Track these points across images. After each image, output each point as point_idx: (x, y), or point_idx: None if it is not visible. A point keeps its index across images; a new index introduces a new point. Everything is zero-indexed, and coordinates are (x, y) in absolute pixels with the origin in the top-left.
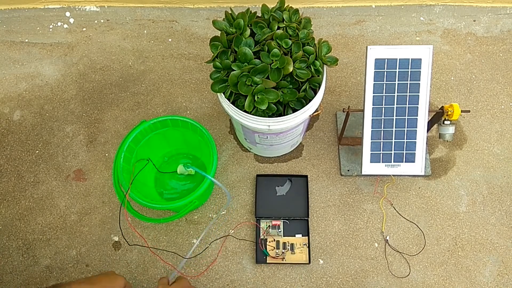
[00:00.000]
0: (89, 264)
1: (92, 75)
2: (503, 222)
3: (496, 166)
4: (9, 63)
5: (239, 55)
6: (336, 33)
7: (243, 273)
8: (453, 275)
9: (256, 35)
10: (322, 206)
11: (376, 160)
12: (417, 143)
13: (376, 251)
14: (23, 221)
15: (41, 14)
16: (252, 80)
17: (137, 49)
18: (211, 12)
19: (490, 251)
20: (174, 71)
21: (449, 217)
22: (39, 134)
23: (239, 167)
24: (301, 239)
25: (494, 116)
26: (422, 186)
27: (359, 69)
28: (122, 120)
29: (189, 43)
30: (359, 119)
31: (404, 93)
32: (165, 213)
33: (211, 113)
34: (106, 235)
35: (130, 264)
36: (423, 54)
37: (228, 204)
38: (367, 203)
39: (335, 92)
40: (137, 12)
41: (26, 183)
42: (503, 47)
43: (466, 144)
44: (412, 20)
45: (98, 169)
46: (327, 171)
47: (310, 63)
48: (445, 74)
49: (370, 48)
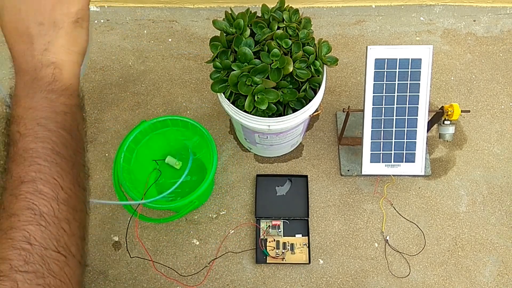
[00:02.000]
0: (89, 264)
1: (92, 75)
2: (503, 222)
3: (496, 166)
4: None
5: (239, 55)
6: (336, 33)
7: (243, 273)
8: (453, 275)
9: (256, 35)
10: (322, 206)
11: (376, 160)
12: (417, 143)
13: (376, 251)
14: None
15: None
16: (252, 80)
17: (137, 49)
18: (211, 12)
19: (490, 251)
20: (174, 71)
21: (449, 217)
22: None
23: (239, 167)
24: (301, 239)
25: (494, 116)
26: (422, 186)
27: (359, 69)
28: (122, 120)
29: (189, 43)
30: (359, 119)
31: (404, 93)
32: (165, 213)
33: (211, 113)
34: (106, 235)
35: (130, 264)
36: (423, 54)
37: None
38: (367, 203)
39: (335, 92)
40: (137, 12)
41: None
42: (503, 47)
43: (466, 144)
44: (412, 20)
45: (98, 169)
46: (327, 171)
47: (310, 63)
48: (445, 74)
49: (370, 48)
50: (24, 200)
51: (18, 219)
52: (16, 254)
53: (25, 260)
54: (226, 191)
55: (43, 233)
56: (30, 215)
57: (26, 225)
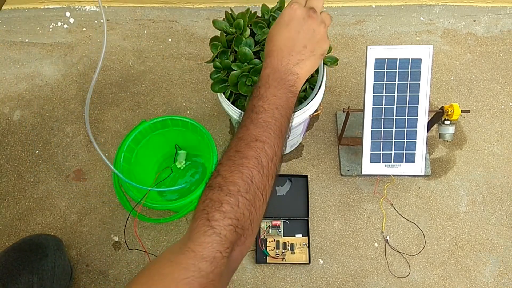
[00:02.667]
0: (89, 264)
1: (92, 75)
2: (503, 222)
3: (496, 166)
4: (9, 63)
5: (239, 55)
6: (336, 33)
7: (243, 273)
8: (453, 275)
9: (256, 35)
10: (322, 206)
11: (376, 160)
12: (417, 143)
13: (376, 251)
14: (23, 221)
15: (41, 14)
16: (252, 80)
17: (137, 49)
18: (211, 12)
19: (490, 251)
20: (174, 71)
21: (449, 217)
22: (39, 134)
23: None
24: (301, 239)
25: (494, 116)
26: (422, 186)
27: (359, 69)
28: (122, 120)
29: (189, 43)
30: (359, 119)
31: (404, 93)
32: (165, 213)
33: (211, 113)
34: (106, 235)
35: (130, 264)
36: (423, 54)
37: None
38: (367, 203)
39: (335, 92)
40: (137, 12)
41: (26, 183)
42: (503, 47)
43: (466, 144)
44: (412, 20)
45: (98, 169)
46: (327, 171)
47: None
48: (445, 74)
49: (370, 48)
50: (255, 151)
51: (248, 162)
52: (243, 183)
53: (247, 190)
54: None
55: (260, 178)
56: (256, 162)
57: (251, 168)
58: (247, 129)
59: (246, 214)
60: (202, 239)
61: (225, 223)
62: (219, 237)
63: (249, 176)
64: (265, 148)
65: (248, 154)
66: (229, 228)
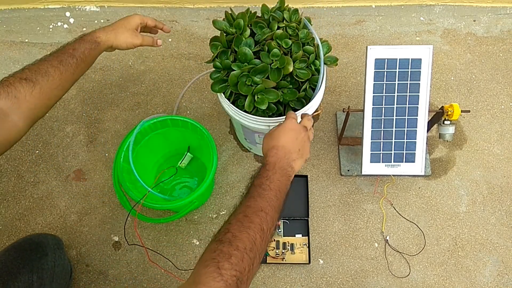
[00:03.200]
0: (89, 264)
1: (92, 75)
2: (503, 222)
3: (496, 166)
4: (9, 63)
5: (239, 55)
6: (336, 33)
7: None
8: (453, 275)
9: (256, 35)
10: (322, 206)
11: (376, 160)
12: (417, 143)
13: (376, 251)
14: (23, 221)
15: (41, 14)
16: (252, 80)
17: (137, 49)
18: (211, 12)
19: (490, 251)
20: (174, 71)
21: (449, 217)
22: (39, 134)
23: (239, 167)
24: (301, 239)
25: (494, 116)
26: (422, 186)
27: (359, 69)
28: (122, 120)
29: (189, 43)
30: (359, 119)
31: (404, 93)
32: (165, 213)
33: (211, 113)
34: (106, 235)
35: (130, 264)
36: (423, 54)
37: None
38: (367, 203)
39: (335, 92)
40: (137, 12)
41: (26, 183)
42: (503, 47)
43: (466, 144)
44: (412, 20)
45: (98, 169)
46: (327, 171)
47: (310, 63)
48: (445, 74)
49: (370, 48)
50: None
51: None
52: (249, 243)
53: (251, 249)
54: (226, 191)
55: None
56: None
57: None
58: (255, 200)
59: (247, 270)
60: (212, 284)
61: (231, 273)
62: (225, 284)
63: (253, 238)
64: (267, 218)
65: (255, 220)
66: (233, 279)
